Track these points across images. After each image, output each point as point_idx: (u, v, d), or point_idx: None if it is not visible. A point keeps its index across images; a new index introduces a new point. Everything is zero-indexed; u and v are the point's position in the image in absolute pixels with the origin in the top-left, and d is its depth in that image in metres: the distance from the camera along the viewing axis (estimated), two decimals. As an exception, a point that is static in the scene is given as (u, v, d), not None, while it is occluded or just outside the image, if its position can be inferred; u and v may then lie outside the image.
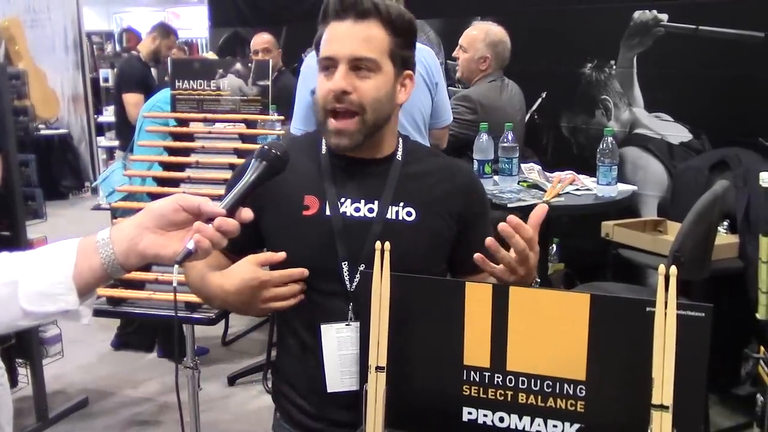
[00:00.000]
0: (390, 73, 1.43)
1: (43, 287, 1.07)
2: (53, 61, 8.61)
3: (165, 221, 1.09)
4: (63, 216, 7.20)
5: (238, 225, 1.10)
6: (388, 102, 1.44)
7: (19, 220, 3.09)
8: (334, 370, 1.45)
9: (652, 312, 1.14)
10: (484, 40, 3.36)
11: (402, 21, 1.43)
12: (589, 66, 3.91)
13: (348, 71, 1.39)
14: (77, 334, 4.15)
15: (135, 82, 4.77)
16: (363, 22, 1.40)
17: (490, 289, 1.25)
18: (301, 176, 1.48)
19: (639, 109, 3.76)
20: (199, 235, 1.06)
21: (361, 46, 1.39)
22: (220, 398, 3.61)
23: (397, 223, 1.45)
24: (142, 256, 1.09)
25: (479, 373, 1.26)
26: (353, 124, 1.41)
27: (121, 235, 1.09)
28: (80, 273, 1.07)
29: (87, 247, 1.09)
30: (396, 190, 1.47)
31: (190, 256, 1.07)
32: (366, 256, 1.40)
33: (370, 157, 1.50)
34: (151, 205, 1.11)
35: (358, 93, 1.40)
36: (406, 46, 1.46)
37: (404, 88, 1.48)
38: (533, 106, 4.12)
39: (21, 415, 3.37)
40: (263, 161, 1.19)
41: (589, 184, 3.02)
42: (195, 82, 2.37)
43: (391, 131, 1.51)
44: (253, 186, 1.17)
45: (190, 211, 1.09)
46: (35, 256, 1.11)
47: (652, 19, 3.61)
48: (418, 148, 1.59)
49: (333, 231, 1.44)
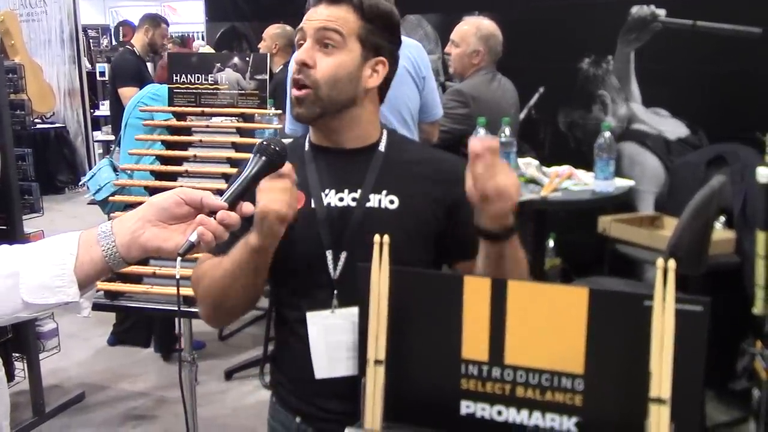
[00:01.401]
0: (356, 54, 1.44)
1: (44, 279, 1.07)
2: (49, 55, 8.59)
3: (167, 214, 1.10)
4: (59, 210, 7.21)
5: (239, 218, 1.11)
6: (350, 82, 1.44)
7: (16, 214, 3.08)
8: (322, 357, 1.46)
9: (650, 306, 1.14)
10: (476, 34, 3.36)
11: (375, 9, 1.45)
12: (587, 61, 3.91)
13: (313, 45, 1.42)
14: (74, 328, 4.17)
15: (130, 76, 4.76)
16: (335, 6, 1.43)
17: (489, 283, 1.24)
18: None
19: (636, 105, 3.76)
20: (202, 228, 1.07)
21: (329, 21, 1.42)
22: (217, 393, 3.62)
23: (378, 210, 1.46)
24: (144, 248, 1.09)
25: (477, 366, 1.26)
26: (308, 93, 1.42)
27: (123, 228, 1.09)
28: (81, 265, 1.08)
29: (89, 239, 1.09)
30: (378, 178, 1.48)
31: (192, 248, 1.08)
32: (348, 243, 1.42)
33: (352, 147, 1.50)
34: (152, 199, 1.12)
35: (316, 69, 1.42)
36: (378, 32, 1.46)
37: (375, 73, 1.48)
38: (530, 101, 4.12)
39: (18, 409, 3.37)
40: (262, 156, 1.21)
41: (586, 179, 3.02)
42: (192, 76, 2.36)
43: (367, 117, 1.51)
44: (252, 180, 1.18)
45: (192, 205, 1.10)
46: (36, 248, 1.11)
47: (649, 14, 3.61)
48: (403, 140, 1.60)
49: (317, 221, 1.45)
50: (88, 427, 3.37)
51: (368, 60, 1.46)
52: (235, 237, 1.38)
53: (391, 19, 1.49)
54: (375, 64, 1.47)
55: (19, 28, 7.95)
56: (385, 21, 1.47)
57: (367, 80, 1.47)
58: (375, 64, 1.47)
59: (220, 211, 1.09)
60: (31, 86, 7.78)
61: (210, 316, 1.53)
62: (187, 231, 1.09)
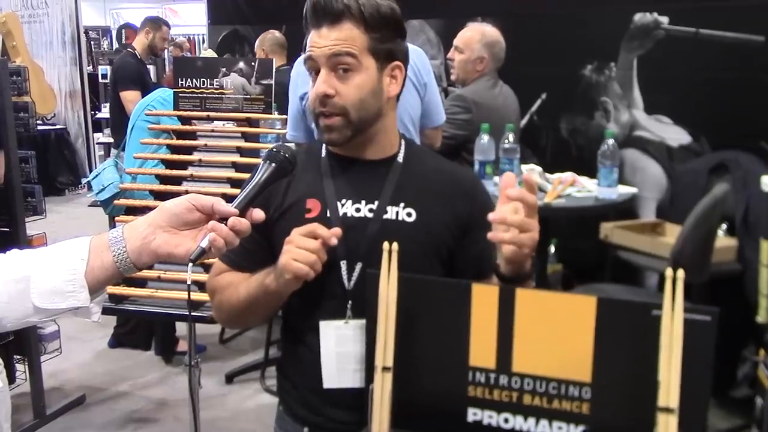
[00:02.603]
0: (372, 69, 1.43)
1: (55, 284, 1.07)
2: (51, 56, 8.60)
3: (178, 220, 1.10)
4: (60, 212, 7.21)
5: (249, 225, 1.12)
6: (374, 98, 1.44)
7: (19, 217, 3.08)
8: (332, 367, 1.45)
9: (658, 315, 1.14)
10: (481, 40, 3.36)
11: (378, 15, 1.41)
12: (589, 68, 3.92)
13: (329, 73, 1.40)
14: (75, 331, 4.16)
15: (131, 79, 4.76)
16: (337, 26, 1.40)
17: (497, 291, 1.25)
18: (304, 182, 1.49)
19: (639, 112, 3.77)
20: (214, 234, 1.08)
21: (337, 44, 1.39)
22: (217, 396, 3.61)
23: (395, 223, 1.46)
24: (155, 254, 1.10)
25: (485, 374, 1.26)
26: (339, 120, 1.41)
27: (134, 233, 1.09)
28: (92, 270, 1.08)
29: (99, 244, 1.10)
30: (396, 190, 1.47)
31: (204, 254, 1.09)
32: (363, 254, 1.42)
33: (370, 159, 1.50)
34: (164, 204, 1.12)
35: (340, 96, 1.40)
36: (387, 39, 1.44)
37: (394, 79, 1.47)
38: (533, 107, 4.12)
39: (18, 411, 3.37)
40: (272, 163, 1.21)
41: (589, 186, 3.03)
42: (198, 81, 2.37)
43: (389, 127, 1.51)
44: (262, 187, 1.19)
45: (203, 211, 1.11)
46: (47, 252, 1.11)
47: (652, 22, 3.62)
48: (421, 151, 1.59)
49: None
50: (89, 429, 3.37)
51: (385, 69, 1.45)
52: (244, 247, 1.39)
53: (394, 18, 1.45)
54: (392, 70, 1.46)
55: (20, 30, 7.94)
56: (390, 23, 1.44)
57: (388, 89, 1.46)
58: (392, 70, 1.46)
59: (231, 217, 1.10)
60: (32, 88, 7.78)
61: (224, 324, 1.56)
62: (198, 237, 1.10)
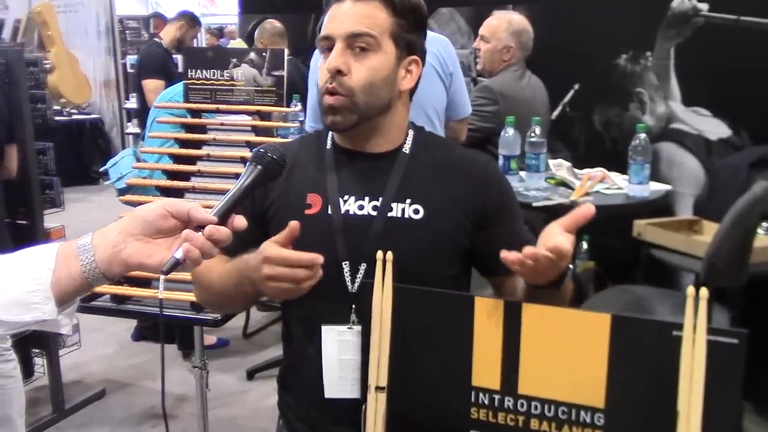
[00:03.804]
0: (391, 55, 1.35)
1: (18, 295, 0.99)
2: (86, 46, 8.65)
3: (151, 228, 1.01)
4: (93, 201, 7.25)
5: (230, 233, 1.02)
6: (386, 86, 1.35)
7: (36, 209, 3.05)
8: (333, 374, 1.37)
9: (678, 336, 1.03)
10: (508, 29, 3.24)
11: (406, 2, 1.35)
12: (624, 57, 3.76)
13: (344, 49, 1.32)
14: (99, 323, 4.13)
15: (154, 69, 4.73)
16: (363, 2, 1.33)
17: (502, 305, 1.15)
18: (305, 175, 1.41)
19: (676, 103, 3.61)
20: (188, 244, 0.98)
21: (359, 22, 1.32)
22: (237, 393, 3.57)
23: (401, 221, 1.36)
24: (126, 264, 1.01)
25: (488, 395, 1.17)
26: (344, 101, 1.33)
27: (104, 242, 1.01)
28: (58, 280, 1.00)
29: (67, 252, 1.01)
30: (402, 185, 1.38)
31: (177, 266, 0.99)
32: (367, 255, 1.31)
33: (375, 151, 1.41)
34: (136, 211, 1.03)
35: (351, 75, 1.32)
36: (411, 29, 1.37)
37: (409, 74, 1.39)
38: (565, 99, 3.98)
39: (37, 404, 3.36)
40: (258, 165, 1.11)
41: (620, 183, 2.89)
42: (208, 72, 2.29)
43: (398, 120, 1.42)
44: (246, 191, 1.09)
45: (178, 218, 1.01)
46: (12, 260, 1.03)
47: (691, 9, 3.45)
48: (431, 140, 1.48)
49: (333, 229, 1.36)
50: (107, 424, 3.34)
51: (402, 60, 1.37)
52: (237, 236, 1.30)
53: (421, 12, 1.40)
54: (409, 63, 1.39)
55: (56, 19, 8.00)
56: (417, 14, 1.39)
57: (401, 82, 1.38)
58: (409, 64, 1.39)
59: (209, 225, 1.00)
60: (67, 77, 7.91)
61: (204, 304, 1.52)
62: (174, 246, 1.00)
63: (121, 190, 2.96)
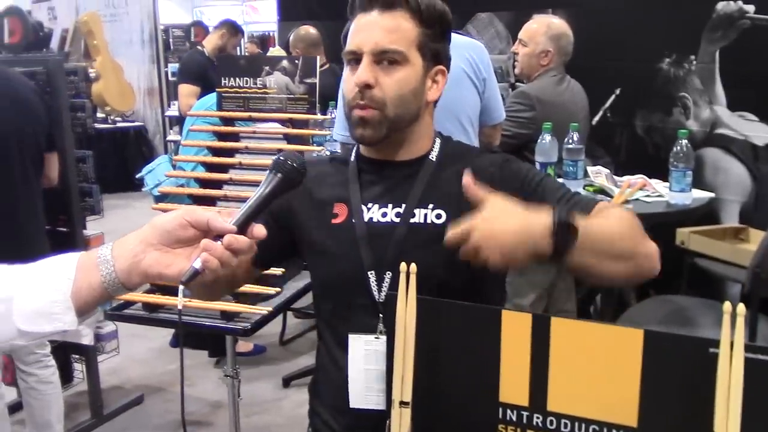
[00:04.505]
0: (418, 67, 1.34)
1: (39, 305, 0.99)
2: (130, 54, 8.79)
3: (170, 237, 1.00)
4: (136, 208, 7.35)
5: (249, 242, 1.01)
6: (414, 98, 1.35)
7: (76, 217, 3.08)
8: (359, 384, 1.35)
9: (715, 354, 0.98)
10: (546, 33, 3.18)
11: (432, 11, 1.34)
12: (667, 61, 3.67)
13: (372, 63, 1.31)
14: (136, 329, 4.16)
15: (192, 75, 4.77)
16: (389, 13, 1.32)
17: (530, 319, 1.11)
18: (332, 186, 1.42)
19: (721, 108, 3.51)
20: (206, 254, 0.97)
21: (386, 37, 1.31)
22: (273, 400, 3.56)
23: (424, 227, 1.34)
24: (145, 274, 1.00)
25: (516, 411, 1.13)
26: (375, 114, 1.32)
27: (124, 252, 1.00)
28: (79, 291, 0.99)
29: (87, 263, 1.01)
30: (425, 191, 1.36)
31: (196, 275, 0.98)
32: (390, 263, 1.31)
33: (400, 159, 1.40)
34: (156, 220, 1.02)
35: (380, 87, 1.31)
36: (437, 38, 1.36)
37: (436, 84, 1.38)
38: (606, 104, 3.90)
39: (77, 410, 3.40)
40: (278, 173, 1.09)
41: (661, 190, 2.81)
42: (241, 80, 2.29)
43: (423, 131, 1.41)
44: (266, 200, 1.07)
45: (198, 227, 1.00)
46: (33, 271, 1.03)
47: (737, 11, 3.35)
48: (458, 149, 1.47)
49: (357, 238, 1.35)
50: (145, 430, 3.36)
51: (429, 71, 1.36)
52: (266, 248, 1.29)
53: (446, 20, 1.39)
54: (435, 74, 1.38)
55: (101, 29, 8.14)
56: (442, 22, 1.37)
57: (428, 92, 1.37)
58: (435, 75, 1.38)
59: (228, 235, 0.99)
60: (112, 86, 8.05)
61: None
62: (193, 255, 0.99)
63: (157, 198, 2.98)
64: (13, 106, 2.59)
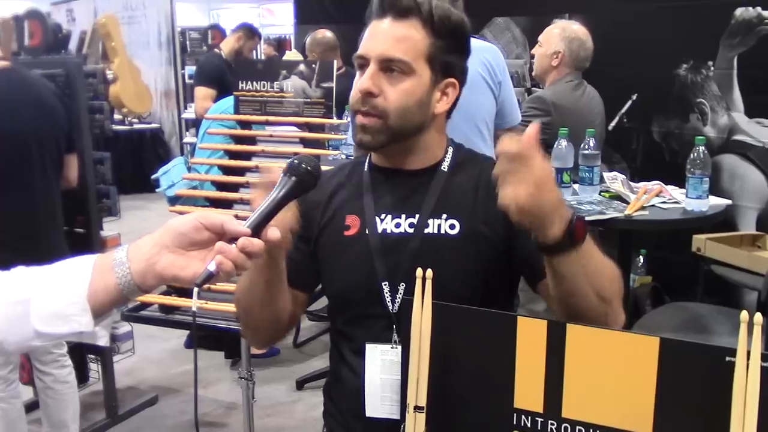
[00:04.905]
0: (425, 78, 1.32)
1: (56, 307, 1.00)
2: (147, 56, 8.84)
3: (185, 240, 1.01)
4: (151, 209, 7.39)
5: (263, 245, 1.01)
6: (420, 110, 1.33)
7: (93, 218, 3.11)
8: (374, 393, 1.35)
9: (732, 362, 0.98)
10: (560, 34, 3.20)
11: (447, 22, 1.32)
12: (685, 67, 3.66)
13: (377, 72, 1.30)
14: (151, 330, 4.19)
15: (208, 77, 4.79)
16: (402, 21, 1.31)
17: (545, 325, 1.11)
18: (345, 197, 1.42)
19: (739, 114, 3.49)
20: (221, 257, 0.97)
21: (393, 46, 1.30)
22: (287, 403, 3.57)
23: (437, 238, 1.34)
24: (160, 277, 1.01)
25: (531, 418, 1.13)
26: (376, 122, 1.31)
27: (139, 254, 1.01)
28: (95, 293, 1.01)
29: (103, 265, 1.02)
30: (438, 201, 1.36)
31: (211, 278, 0.99)
32: (404, 274, 1.31)
33: (411, 168, 1.39)
34: (170, 223, 1.03)
35: (384, 96, 1.30)
36: (450, 50, 1.34)
37: (445, 96, 1.36)
38: (622, 109, 3.89)
39: (92, 409, 3.42)
40: (292, 176, 1.10)
41: (677, 197, 2.79)
42: (258, 83, 2.30)
43: (433, 140, 1.40)
44: (280, 203, 1.07)
45: (212, 230, 1.01)
46: (50, 272, 1.04)
47: (755, 17, 3.34)
48: (470, 158, 1.45)
49: (370, 249, 1.35)
50: (159, 430, 3.38)
51: (438, 83, 1.34)
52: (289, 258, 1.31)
53: (462, 31, 1.37)
54: (445, 87, 1.36)
55: (119, 31, 8.19)
56: (457, 34, 1.35)
57: (435, 105, 1.35)
58: (445, 87, 1.36)
59: (242, 238, 1.00)
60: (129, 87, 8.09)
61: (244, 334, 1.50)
62: (207, 258, 1.00)
63: (171, 199, 3.00)
64: (34, 108, 2.61)
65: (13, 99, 2.56)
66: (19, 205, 2.57)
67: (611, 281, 1.22)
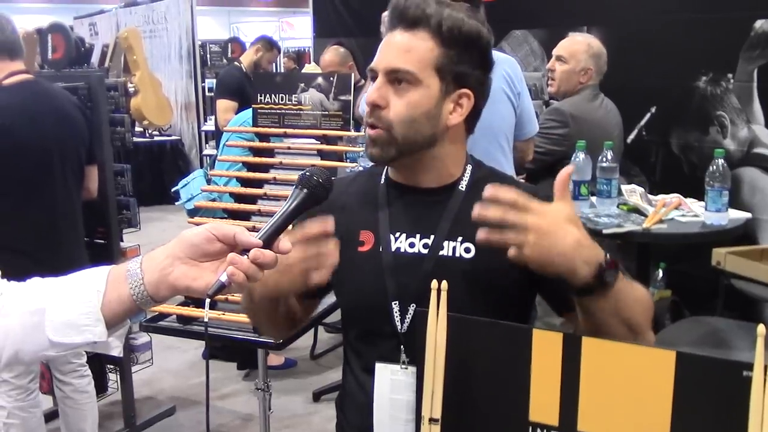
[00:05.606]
0: (434, 89, 1.30)
1: (70, 317, 1.02)
2: (168, 69, 8.92)
3: (198, 251, 1.02)
4: (171, 221, 7.44)
5: (275, 257, 1.02)
6: (428, 121, 1.30)
7: (113, 229, 3.14)
8: (384, 413, 1.34)
9: (749, 377, 0.97)
10: (587, 51, 3.18)
11: (457, 32, 1.29)
12: (704, 79, 3.63)
13: (385, 83, 1.30)
14: (170, 341, 4.21)
15: (229, 90, 4.83)
16: (411, 32, 1.30)
17: (561, 338, 1.11)
18: (359, 211, 1.40)
19: (759, 127, 3.46)
20: (233, 268, 0.99)
21: (399, 57, 1.29)
22: (303, 415, 3.57)
23: (452, 260, 1.32)
24: (173, 287, 1.03)
25: (546, 431, 1.13)
26: (382, 135, 1.31)
27: (152, 265, 1.03)
28: (109, 303, 1.03)
29: (117, 276, 1.04)
30: (454, 223, 1.33)
31: (223, 289, 1.01)
32: (415, 295, 1.29)
33: (428, 186, 1.37)
34: (183, 234, 1.05)
35: (390, 109, 1.30)
36: (462, 60, 1.31)
37: (459, 107, 1.33)
38: (641, 122, 3.87)
39: (111, 419, 3.44)
40: (304, 189, 1.11)
41: (696, 210, 2.77)
42: (277, 96, 2.32)
43: (449, 156, 1.37)
44: (292, 215, 1.09)
45: (224, 241, 1.02)
46: (65, 283, 1.06)
47: (775, 29, 3.32)
48: (489, 176, 1.40)
49: (383, 268, 1.34)
50: (176, 441, 3.40)
51: (450, 94, 1.31)
52: None
53: (478, 42, 1.32)
54: (458, 97, 1.32)
55: (141, 44, 8.27)
56: (470, 45, 1.31)
57: (448, 117, 1.32)
58: (458, 98, 1.32)
59: (254, 249, 1.01)
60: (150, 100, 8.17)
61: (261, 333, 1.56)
62: (220, 269, 1.01)
63: (190, 211, 3.02)
64: (56, 119, 2.65)
65: (35, 110, 2.60)
66: (41, 215, 2.60)
67: (643, 312, 1.21)
